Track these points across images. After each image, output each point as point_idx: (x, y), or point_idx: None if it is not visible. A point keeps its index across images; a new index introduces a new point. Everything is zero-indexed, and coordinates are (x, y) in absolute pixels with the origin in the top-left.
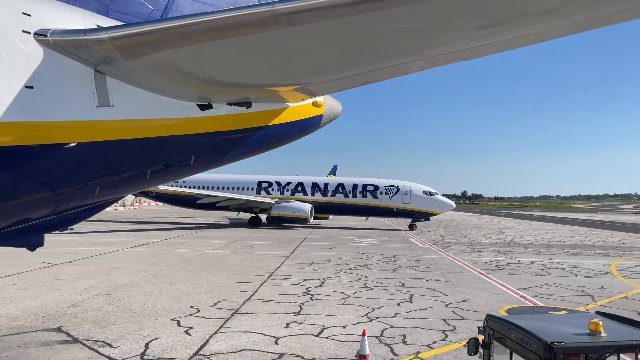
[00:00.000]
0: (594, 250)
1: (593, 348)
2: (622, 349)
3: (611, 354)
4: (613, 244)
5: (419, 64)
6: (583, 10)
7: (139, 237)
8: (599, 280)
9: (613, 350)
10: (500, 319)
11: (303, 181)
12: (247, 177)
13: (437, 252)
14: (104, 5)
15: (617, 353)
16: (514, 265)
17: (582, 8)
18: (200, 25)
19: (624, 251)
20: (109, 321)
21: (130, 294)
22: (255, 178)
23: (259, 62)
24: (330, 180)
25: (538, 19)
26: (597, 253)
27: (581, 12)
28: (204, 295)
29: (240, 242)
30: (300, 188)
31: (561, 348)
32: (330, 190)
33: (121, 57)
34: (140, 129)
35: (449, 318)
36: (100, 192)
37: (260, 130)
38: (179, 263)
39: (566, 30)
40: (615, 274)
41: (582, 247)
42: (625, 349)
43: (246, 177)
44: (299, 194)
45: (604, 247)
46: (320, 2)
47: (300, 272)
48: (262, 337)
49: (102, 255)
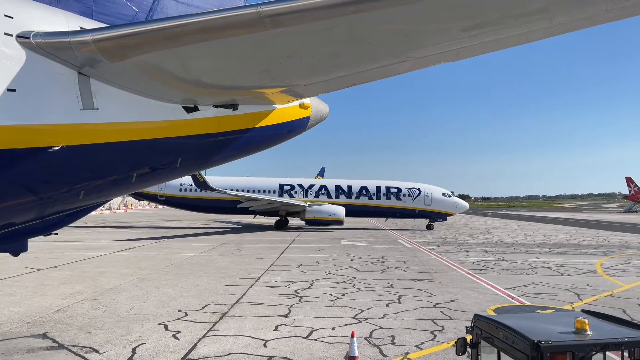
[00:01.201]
0: (579, 249)
1: (579, 346)
2: (608, 346)
3: (597, 352)
4: (598, 243)
5: (406, 65)
6: (566, 11)
7: (125, 241)
8: (585, 279)
9: (599, 348)
10: (487, 318)
11: (326, 184)
12: (267, 179)
13: (425, 253)
14: (87, 7)
15: (603, 351)
16: (501, 264)
17: (565, 10)
18: (185, 27)
19: (609, 250)
20: (95, 326)
21: (117, 298)
22: (276, 181)
23: (245, 64)
24: (353, 182)
25: (522, 20)
26: (582, 252)
27: (564, 13)
28: (191, 298)
29: (228, 245)
30: (324, 191)
31: (548, 347)
32: (355, 193)
33: (105, 59)
34: (126, 131)
35: (437, 318)
36: (85, 195)
37: (247, 133)
38: (166, 267)
39: (550, 31)
40: (600, 272)
41: (568, 246)
42: (611, 347)
43: (266, 179)
44: (322, 196)
45: (589, 246)
46: (305, 3)
47: (288, 275)
48: (251, 340)
49: (88, 259)
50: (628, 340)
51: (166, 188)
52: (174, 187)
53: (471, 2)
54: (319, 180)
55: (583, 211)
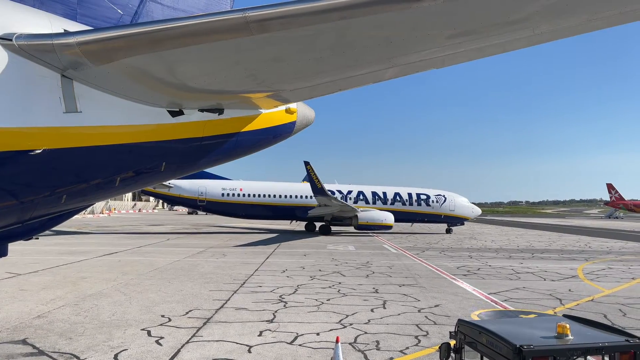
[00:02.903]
0: (561, 254)
1: (560, 351)
2: (588, 351)
3: (578, 356)
4: (580, 248)
5: (392, 72)
6: (548, 21)
7: (108, 246)
8: (567, 284)
9: (580, 352)
10: (471, 323)
11: (363, 190)
12: (305, 185)
13: (410, 258)
14: (71, 10)
15: (583, 355)
16: (485, 270)
17: (547, 19)
18: (171, 30)
19: (590, 255)
20: (76, 332)
21: (99, 304)
22: None
23: (230, 69)
24: (387, 189)
25: (506, 29)
26: (564, 257)
27: (547, 23)
28: (175, 304)
29: (213, 249)
30: (362, 196)
31: (530, 351)
32: (390, 199)
33: (89, 62)
34: (109, 135)
35: (421, 323)
36: (67, 199)
37: (232, 137)
38: (150, 272)
39: (533, 40)
40: (581, 277)
41: (551, 251)
42: (591, 352)
43: (304, 185)
44: (361, 202)
45: (571, 252)
46: (292, 9)
47: (273, 280)
48: (235, 346)
49: (70, 264)
50: (608, 344)
51: (207, 192)
52: (216, 191)
53: (455, 10)
54: (355, 187)
55: (565, 217)
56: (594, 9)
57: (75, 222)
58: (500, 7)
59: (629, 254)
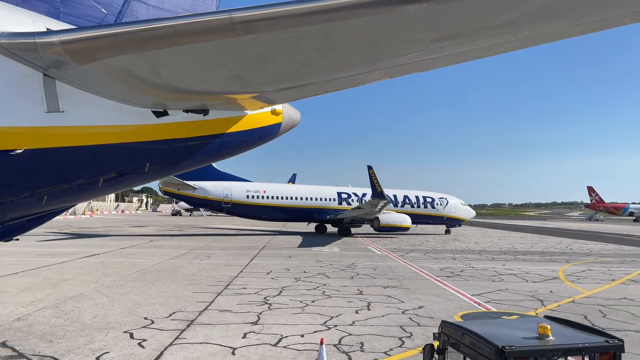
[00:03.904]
0: (543, 256)
1: (542, 351)
2: (569, 351)
3: (559, 357)
4: (561, 250)
5: (377, 74)
6: (531, 26)
7: (90, 247)
8: (548, 285)
9: (560, 353)
10: (454, 324)
11: None
12: (325, 188)
13: (395, 260)
14: (54, 8)
15: (564, 356)
16: (469, 271)
17: (530, 25)
18: (156, 30)
19: (571, 257)
20: (57, 335)
21: (80, 306)
22: (333, 189)
23: (216, 70)
24: (397, 192)
25: (489, 33)
26: (546, 259)
27: (529, 28)
28: (158, 306)
29: (196, 251)
30: None
31: (512, 352)
32: (400, 202)
33: (72, 61)
34: (92, 135)
35: (405, 325)
36: (48, 200)
37: (217, 138)
38: (132, 273)
39: (516, 44)
40: (562, 279)
41: (533, 253)
42: (572, 352)
43: (325, 188)
44: None
45: (552, 253)
46: (278, 11)
47: (258, 282)
48: (219, 348)
49: (50, 266)
50: (588, 345)
51: (232, 195)
52: (241, 194)
53: (440, 14)
54: (368, 190)
55: (547, 219)
56: (575, 16)
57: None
58: (483, 12)
59: (608, 255)
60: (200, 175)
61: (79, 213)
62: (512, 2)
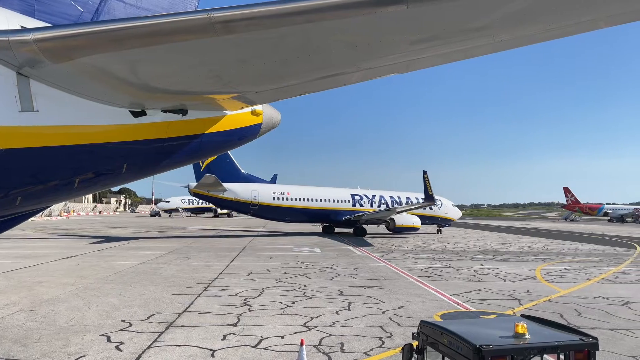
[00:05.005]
0: (520, 256)
1: (518, 350)
2: (545, 350)
3: (535, 355)
4: (538, 250)
5: (357, 76)
6: (507, 30)
7: (66, 249)
8: (525, 285)
9: (536, 351)
10: (433, 324)
11: (383, 195)
12: (340, 190)
13: (375, 260)
14: (29, 6)
15: (540, 354)
16: (448, 271)
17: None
18: (134, 29)
19: (548, 257)
20: (31, 339)
21: (56, 309)
22: (347, 191)
23: (195, 69)
24: (401, 194)
25: (467, 36)
26: (523, 259)
27: (506, 32)
28: (136, 308)
29: (176, 252)
30: (383, 201)
31: (489, 351)
32: (404, 203)
33: (47, 60)
34: (68, 135)
35: (385, 325)
36: (22, 201)
37: (196, 138)
38: (110, 275)
39: (494, 47)
40: (539, 278)
41: (510, 253)
42: (548, 350)
43: (339, 190)
44: (383, 205)
45: (529, 253)
46: (257, 11)
47: (238, 283)
48: (198, 350)
49: (25, 268)
50: (564, 344)
51: (259, 196)
52: (267, 195)
53: (419, 17)
54: (377, 192)
55: (525, 220)
56: (551, 20)
57: (31, 224)
58: (461, 14)
59: (584, 255)
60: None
61: (54, 214)
62: (489, 6)
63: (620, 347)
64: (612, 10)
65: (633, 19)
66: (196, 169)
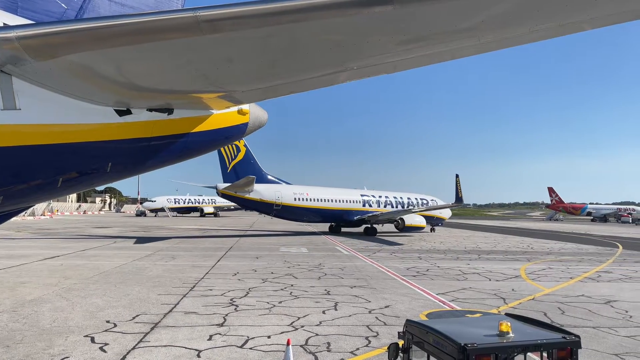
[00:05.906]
0: (505, 255)
1: (502, 348)
2: (528, 348)
3: (518, 353)
4: (522, 249)
5: (344, 76)
6: (493, 32)
7: (49, 249)
8: (510, 284)
9: (520, 349)
10: (418, 323)
11: (388, 195)
12: (352, 191)
13: (362, 260)
14: (11, 2)
15: (523, 352)
16: (434, 271)
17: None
18: (119, 27)
19: (532, 256)
20: (14, 340)
21: (39, 310)
22: (357, 192)
23: (180, 68)
24: (402, 195)
25: (453, 37)
26: (508, 258)
27: (491, 33)
28: (121, 309)
29: (162, 252)
30: (389, 201)
31: (473, 349)
32: (406, 204)
33: (30, 57)
34: (52, 134)
35: (372, 324)
36: (4, 201)
37: (182, 138)
38: (94, 276)
39: (479, 48)
40: (524, 277)
41: (496, 252)
42: (531, 348)
43: (351, 191)
44: (388, 206)
45: (514, 252)
46: (243, 10)
47: (224, 283)
48: (184, 351)
49: (7, 269)
50: (547, 342)
51: (282, 197)
52: (289, 196)
53: (405, 17)
54: (383, 192)
55: (510, 219)
56: (535, 22)
57: (13, 224)
58: (447, 16)
59: (567, 254)
60: None
61: (38, 214)
62: (475, 8)
63: (602, 345)
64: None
65: (616, 21)
66: (223, 170)
